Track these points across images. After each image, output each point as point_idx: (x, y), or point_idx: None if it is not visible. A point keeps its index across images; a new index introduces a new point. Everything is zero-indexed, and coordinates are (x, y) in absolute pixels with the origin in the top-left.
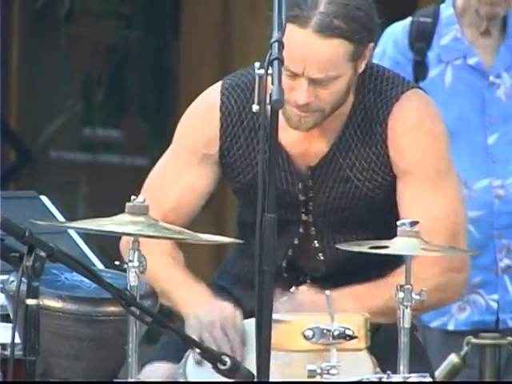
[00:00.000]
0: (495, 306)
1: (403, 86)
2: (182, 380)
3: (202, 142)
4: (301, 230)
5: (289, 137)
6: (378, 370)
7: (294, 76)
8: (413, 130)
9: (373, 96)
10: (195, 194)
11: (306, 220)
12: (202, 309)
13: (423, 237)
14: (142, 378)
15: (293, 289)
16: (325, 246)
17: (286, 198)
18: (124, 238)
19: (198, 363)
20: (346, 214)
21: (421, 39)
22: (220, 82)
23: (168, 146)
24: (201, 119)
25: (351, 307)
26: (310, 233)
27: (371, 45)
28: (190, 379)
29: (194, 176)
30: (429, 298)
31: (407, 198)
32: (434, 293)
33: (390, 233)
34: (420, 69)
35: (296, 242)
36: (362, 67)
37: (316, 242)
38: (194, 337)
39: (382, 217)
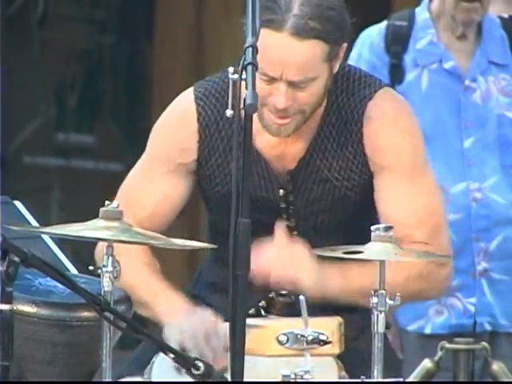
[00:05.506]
0: (472, 309)
1: (375, 84)
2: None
3: (178, 150)
4: None
5: (264, 140)
6: (343, 373)
7: (272, 81)
8: (388, 127)
9: (346, 96)
10: (170, 203)
11: (287, 225)
12: (183, 318)
13: (403, 231)
14: None
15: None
16: None
17: (266, 205)
18: (99, 245)
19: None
20: (327, 216)
21: (397, 43)
22: (191, 90)
23: (142, 151)
24: (176, 128)
25: (338, 284)
26: (291, 237)
27: (344, 45)
28: None
29: (168, 184)
30: (411, 286)
31: (385, 195)
32: (416, 280)
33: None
34: (396, 72)
35: None
36: (336, 68)
37: None
38: (175, 346)
39: (362, 217)
